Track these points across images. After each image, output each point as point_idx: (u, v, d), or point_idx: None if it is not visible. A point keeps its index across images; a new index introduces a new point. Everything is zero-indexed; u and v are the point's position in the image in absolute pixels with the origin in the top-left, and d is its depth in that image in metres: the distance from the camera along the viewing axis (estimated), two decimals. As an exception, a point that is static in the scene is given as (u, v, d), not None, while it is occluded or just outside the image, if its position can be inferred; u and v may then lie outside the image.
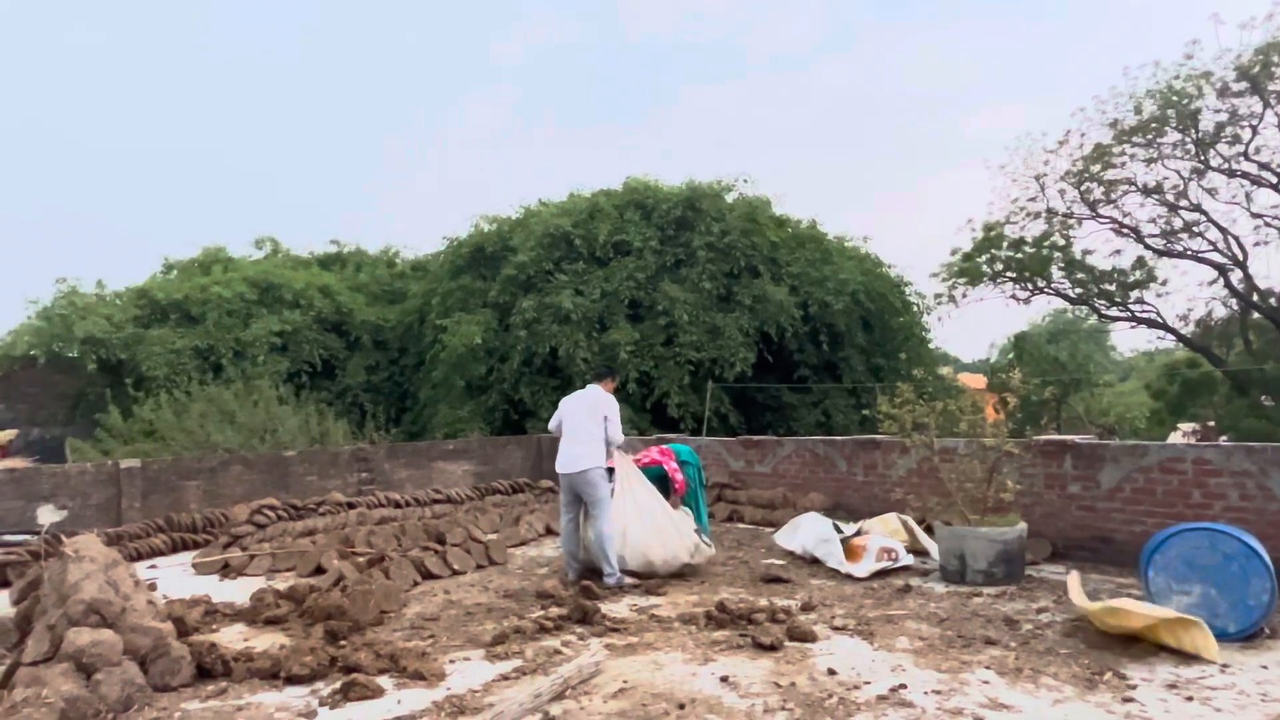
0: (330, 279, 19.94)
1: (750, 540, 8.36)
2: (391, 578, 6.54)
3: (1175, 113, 16.18)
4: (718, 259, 15.74)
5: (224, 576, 7.45)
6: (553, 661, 4.56)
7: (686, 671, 4.38)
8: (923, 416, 7.11)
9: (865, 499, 8.99)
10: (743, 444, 10.77)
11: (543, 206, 17.99)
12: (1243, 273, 17.65)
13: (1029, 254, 18.86)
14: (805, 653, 4.64)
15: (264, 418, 13.19)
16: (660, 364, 14.94)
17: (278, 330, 17.26)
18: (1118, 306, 19.42)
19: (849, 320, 16.26)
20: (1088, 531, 6.97)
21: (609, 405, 6.78)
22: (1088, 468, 7.00)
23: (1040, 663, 4.38)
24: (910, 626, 5.13)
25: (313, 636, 5.02)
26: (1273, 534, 5.75)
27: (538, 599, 6.08)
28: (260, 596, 6.02)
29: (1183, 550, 4.88)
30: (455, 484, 11.95)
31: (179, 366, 15.84)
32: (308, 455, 11.37)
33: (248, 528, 8.91)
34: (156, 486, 10.00)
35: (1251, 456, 6.06)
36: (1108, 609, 4.54)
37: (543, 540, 8.87)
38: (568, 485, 6.74)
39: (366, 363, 18.68)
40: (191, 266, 20.37)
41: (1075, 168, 17.85)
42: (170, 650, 4.43)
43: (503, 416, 15.71)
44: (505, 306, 15.96)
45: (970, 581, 6.20)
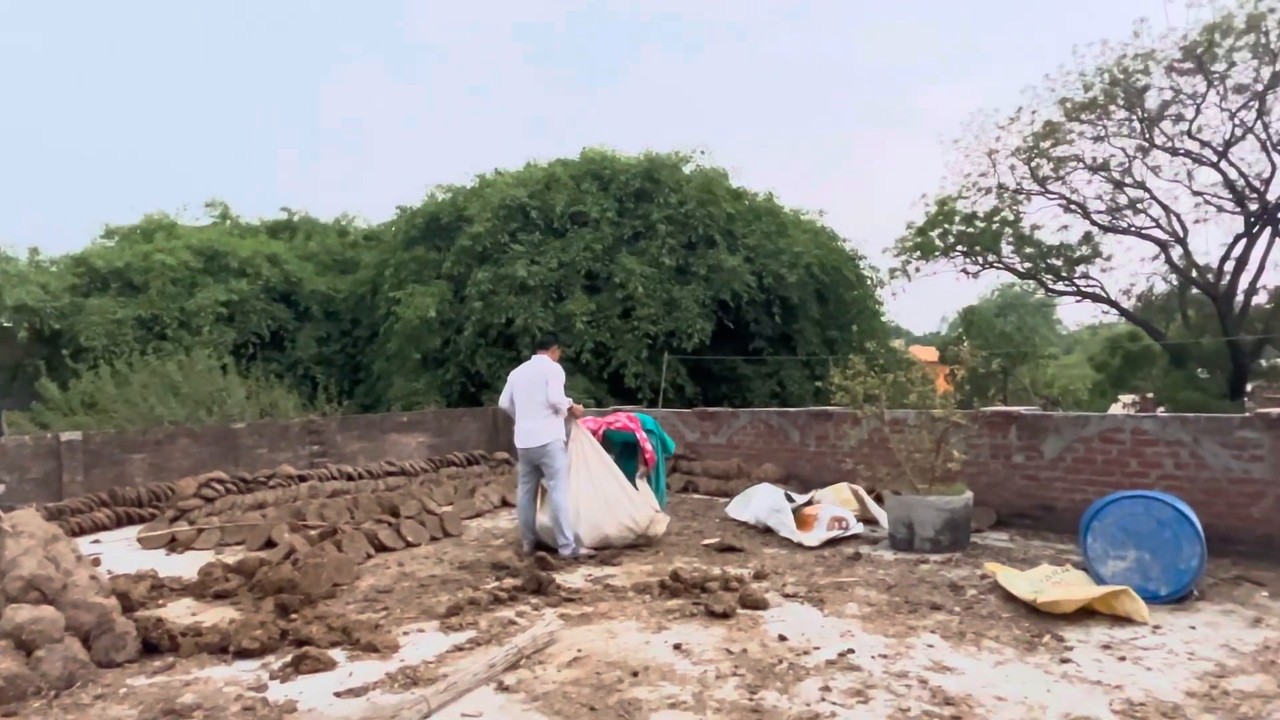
0: (279, 247, 19.48)
1: (705, 510, 8.45)
2: (344, 550, 6.48)
3: (1123, 91, 16.50)
4: (676, 231, 15.71)
5: (171, 551, 7.31)
6: (507, 632, 4.58)
7: (640, 640, 4.43)
8: (874, 388, 7.22)
9: (818, 469, 9.13)
10: (698, 415, 10.84)
11: (498, 176, 17.75)
12: (1183, 249, 18.19)
13: (980, 229, 19.18)
14: (757, 620, 4.72)
15: (210, 389, 12.90)
16: (617, 335, 14.92)
17: (224, 300, 16.85)
18: (1064, 281, 19.88)
19: (804, 293, 16.39)
20: (1031, 500, 7.17)
21: (552, 372, 6.71)
22: (1032, 438, 7.19)
23: (983, 626, 4.52)
24: (859, 593, 5.25)
25: (263, 610, 4.97)
26: (1204, 500, 5.99)
27: (493, 570, 6.08)
28: (209, 571, 5.92)
29: (1119, 517, 5.05)
30: (409, 456, 11.85)
31: (119, 337, 15.39)
32: (257, 427, 11.16)
33: (195, 501, 8.73)
34: (99, 460, 9.74)
35: (1186, 427, 6.28)
36: (1043, 603, 4.66)
37: (498, 512, 8.86)
38: (526, 458, 6.74)
39: (317, 334, 18.35)
40: (134, 234, 19.74)
41: (1026, 144, 18.15)
42: (115, 626, 4.34)
43: (459, 389, 15.59)
44: (460, 278, 15.76)
45: (918, 549, 6.35)
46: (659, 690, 3.71)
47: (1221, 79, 15.61)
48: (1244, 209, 16.77)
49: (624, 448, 7.32)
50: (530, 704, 3.60)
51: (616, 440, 7.28)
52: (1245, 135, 16.06)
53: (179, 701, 3.69)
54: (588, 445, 6.86)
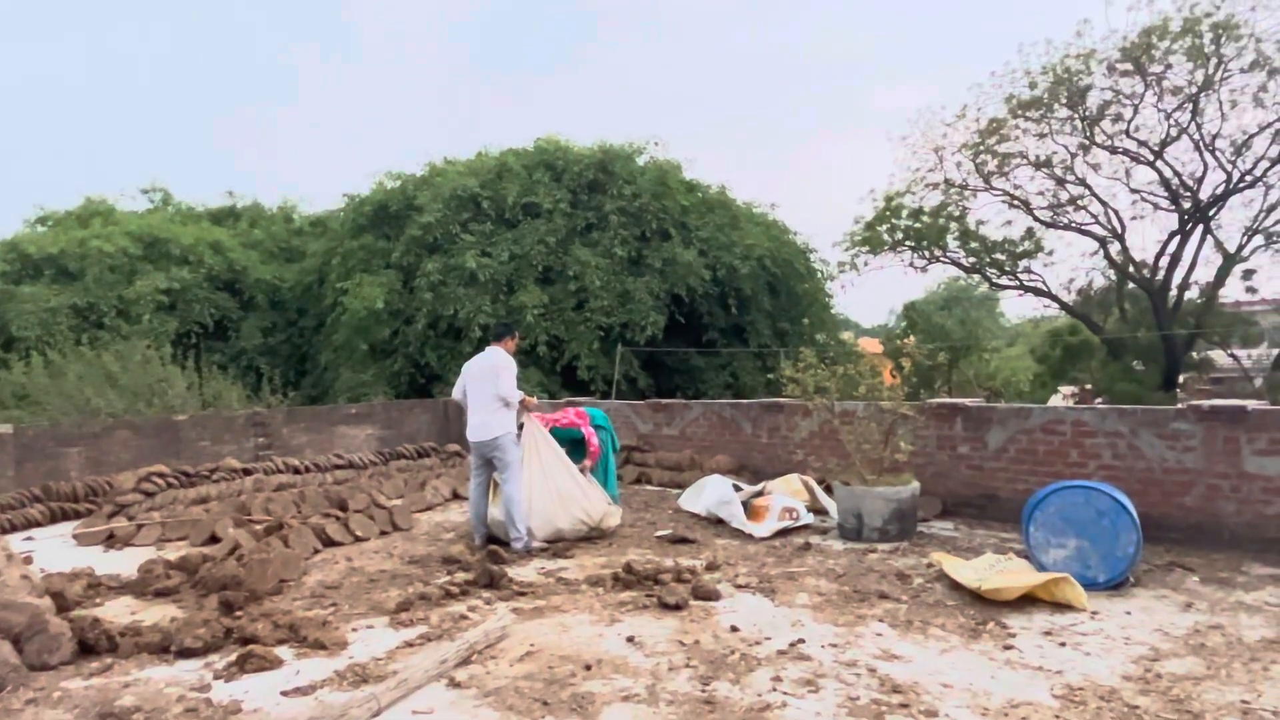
0: (222, 235, 18.98)
1: (658, 502, 8.48)
2: (291, 546, 6.35)
3: (1065, 90, 16.90)
4: (629, 222, 15.69)
5: (109, 548, 7.09)
6: (459, 627, 4.54)
7: (593, 633, 4.42)
8: (824, 380, 7.31)
9: (769, 460, 9.22)
10: (651, 407, 10.86)
11: (449, 165, 17.52)
12: (1121, 245, 18.72)
13: (927, 224, 19.49)
14: (709, 611, 4.75)
15: (150, 380, 12.52)
16: (570, 328, 14.86)
17: (165, 288, 16.37)
18: (1007, 275, 20.32)
19: (756, 285, 16.52)
20: (976, 489, 7.34)
21: (504, 364, 6.61)
22: (976, 429, 7.35)
23: (929, 614, 4.61)
24: (810, 583, 5.32)
25: (206, 608, 4.85)
26: (1140, 490, 6.19)
27: (444, 564, 6.02)
28: (149, 568, 5.75)
29: (1060, 507, 5.20)
30: (358, 449, 11.66)
31: (54, 326, 14.85)
32: (200, 420, 10.87)
33: (135, 496, 8.48)
34: (31, 454, 9.38)
35: (1124, 418, 6.48)
36: (987, 590, 4.78)
37: (449, 505, 8.77)
38: (478, 451, 6.68)
39: (262, 324, 17.93)
40: (69, 220, 19.05)
41: (971, 140, 18.49)
42: (48, 627, 4.19)
43: (408, 380, 15.39)
44: (409, 268, 15.54)
45: (866, 539, 6.46)
46: (612, 683, 3.71)
47: (1158, 81, 16.09)
48: (1178, 207, 17.33)
49: (572, 444, 7.28)
50: (482, 699, 3.57)
51: (563, 438, 7.21)
52: (1180, 136, 16.57)
53: (117, 704, 3.58)
54: (540, 438, 6.82)
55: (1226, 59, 15.25)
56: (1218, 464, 6.01)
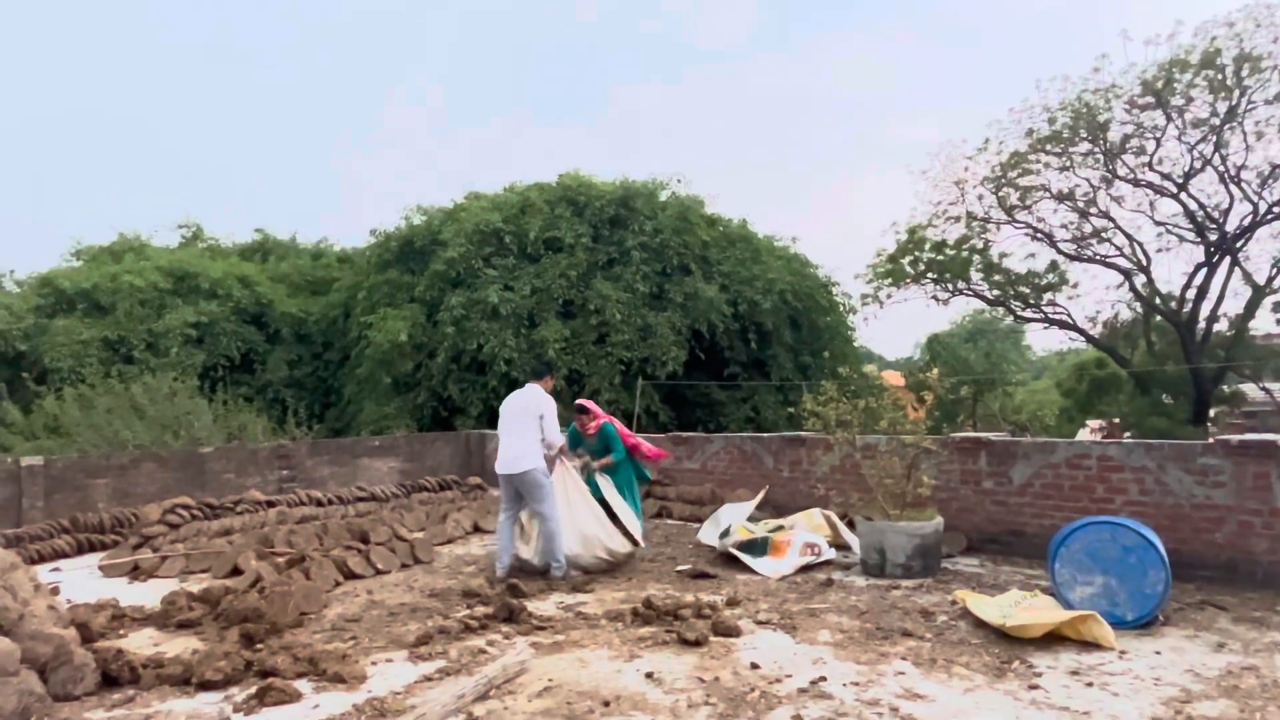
0: (251, 269, 19.34)
1: (678, 536, 8.43)
2: (312, 578, 6.38)
3: (1085, 124, 16.90)
4: (651, 258, 15.80)
5: (133, 579, 7.15)
6: (477, 661, 4.52)
7: (612, 669, 4.39)
8: (846, 414, 7.27)
9: (791, 494, 9.15)
10: (672, 440, 10.84)
11: (474, 200, 17.77)
12: (1146, 277, 18.56)
13: (949, 256, 19.45)
14: (729, 647, 4.71)
15: (177, 412, 12.70)
16: (591, 361, 14.93)
17: (193, 321, 16.66)
18: (1032, 308, 20.19)
19: (777, 319, 16.52)
20: (1001, 525, 7.24)
21: (546, 404, 6.77)
22: (1000, 464, 7.27)
23: (953, 653, 4.54)
24: (831, 620, 5.25)
25: (227, 640, 4.87)
26: (1168, 526, 6.08)
27: (463, 598, 6.02)
28: (172, 600, 5.79)
29: (1086, 543, 5.12)
30: (381, 481, 11.72)
31: (85, 359, 15.14)
32: (225, 452, 10.99)
33: (160, 528, 8.56)
34: (61, 485, 9.53)
35: (1150, 453, 6.39)
36: (1012, 626, 4.70)
37: (470, 538, 8.77)
38: (508, 483, 6.72)
39: (288, 357, 18.17)
40: (103, 254, 19.51)
41: (993, 174, 18.49)
42: (73, 658, 4.23)
43: (431, 413, 15.49)
44: (433, 302, 15.71)
45: (889, 575, 6.38)
46: (631, 719, 3.69)
47: (1180, 113, 16.05)
48: (1204, 239, 17.18)
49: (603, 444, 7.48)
50: (500, 735, 3.55)
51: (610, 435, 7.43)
52: (1204, 167, 16.49)
53: (138, 735, 3.60)
54: (569, 479, 6.91)
55: (1250, 90, 15.20)
56: (1249, 500, 5.90)
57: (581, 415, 7.57)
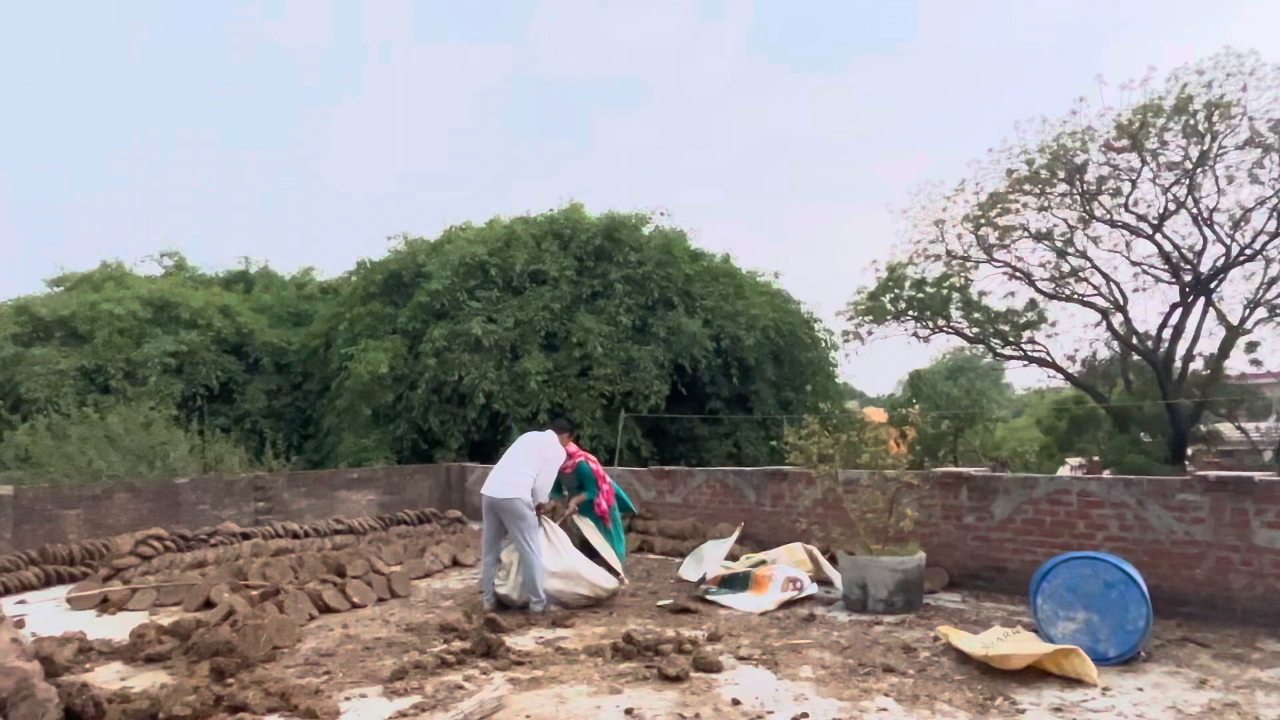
0: (232, 299, 19.23)
1: (660, 570, 8.35)
2: (286, 612, 6.25)
3: (1063, 165, 17.22)
4: (634, 291, 15.87)
5: (102, 612, 6.98)
6: (454, 697, 4.43)
7: (591, 705, 4.32)
8: (828, 448, 7.28)
9: (773, 528, 9.11)
10: (654, 474, 10.79)
11: (459, 232, 17.83)
12: (1123, 316, 18.81)
13: (929, 294, 19.64)
14: (710, 683, 4.64)
15: (152, 442, 12.52)
16: (574, 395, 14.89)
17: (172, 350, 16.50)
18: (1011, 346, 20.37)
19: (760, 354, 16.59)
20: (982, 561, 7.22)
21: (554, 453, 6.83)
22: (982, 499, 7.28)
23: (936, 689, 4.49)
24: (813, 655, 5.20)
25: (197, 675, 4.75)
26: (1149, 562, 6.09)
27: (440, 632, 5.91)
28: (141, 633, 5.66)
29: (1068, 578, 5.11)
30: (359, 514, 11.57)
31: (61, 388, 14.93)
32: (200, 483, 10.83)
33: (132, 559, 8.40)
34: (30, 516, 9.33)
35: (1130, 489, 6.42)
36: (994, 656, 4.69)
37: (448, 572, 8.65)
38: (490, 509, 6.64)
39: (267, 387, 18.01)
40: (83, 283, 19.35)
41: (972, 213, 18.77)
42: (35, 692, 4.10)
43: (410, 446, 15.36)
44: (415, 333, 15.67)
45: (872, 610, 6.34)
46: (609, 757, 3.61)
47: (1154, 156, 16.39)
48: (1179, 279, 17.45)
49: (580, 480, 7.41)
50: (475, 773, 3.47)
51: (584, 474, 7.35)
52: (1178, 210, 16.80)
53: (101, 773, 3.48)
54: (548, 524, 6.86)
55: (1221, 135, 15.57)
56: (1227, 536, 5.92)
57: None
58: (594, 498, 7.34)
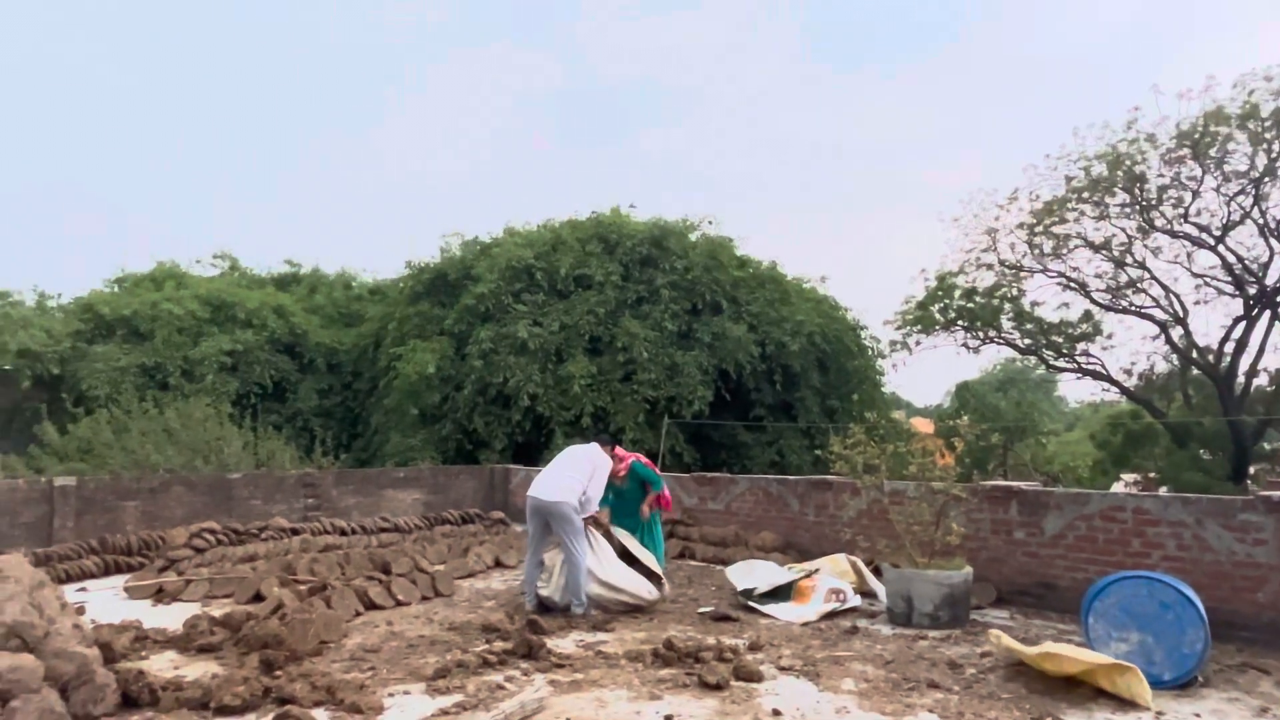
0: (286, 299, 19.67)
1: (700, 577, 8.33)
2: (333, 607, 6.37)
3: (1122, 174, 16.79)
4: (680, 297, 15.86)
5: (157, 601, 7.19)
6: (495, 697, 4.47)
7: (630, 709, 4.32)
8: (874, 458, 7.19)
9: (816, 539, 9.02)
10: (696, 480, 10.76)
11: (508, 236, 18.00)
12: (1183, 329, 18.26)
13: (980, 304, 19.30)
14: (751, 692, 4.61)
15: (207, 438, 12.86)
16: (617, 399, 14.92)
17: (228, 349, 16.93)
18: (1064, 358, 19.93)
19: (805, 361, 16.45)
20: (1032, 577, 7.07)
21: (602, 464, 6.90)
22: (1032, 514, 7.12)
23: (982, 707, 4.40)
24: (856, 668, 5.14)
25: (247, 666, 4.86)
26: (1207, 584, 5.90)
27: (483, 632, 5.97)
28: (194, 623, 5.81)
29: (1121, 598, 4.98)
30: (404, 513, 11.74)
31: (121, 385, 15.40)
32: (252, 478, 11.09)
33: (186, 551, 8.62)
34: (91, 506, 9.65)
35: (1188, 507, 6.22)
36: (1044, 654, 4.60)
37: (491, 573, 8.73)
38: (537, 512, 6.67)
39: (319, 386, 18.38)
40: (143, 282, 19.96)
41: (1027, 221, 18.40)
42: (95, 677, 4.25)
43: (455, 446, 15.53)
44: (463, 335, 15.86)
45: (916, 624, 6.24)
46: (648, 763, 3.61)
47: (1218, 165, 15.91)
48: (1243, 292, 16.90)
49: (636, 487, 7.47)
50: (516, 773, 3.49)
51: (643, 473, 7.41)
52: (1243, 220, 16.28)
53: (155, 759, 3.58)
54: (592, 534, 6.90)
55: (1290, 144, 15.05)
56: (1292, 559, 5.71)
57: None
58: (661, 490, 7.42)
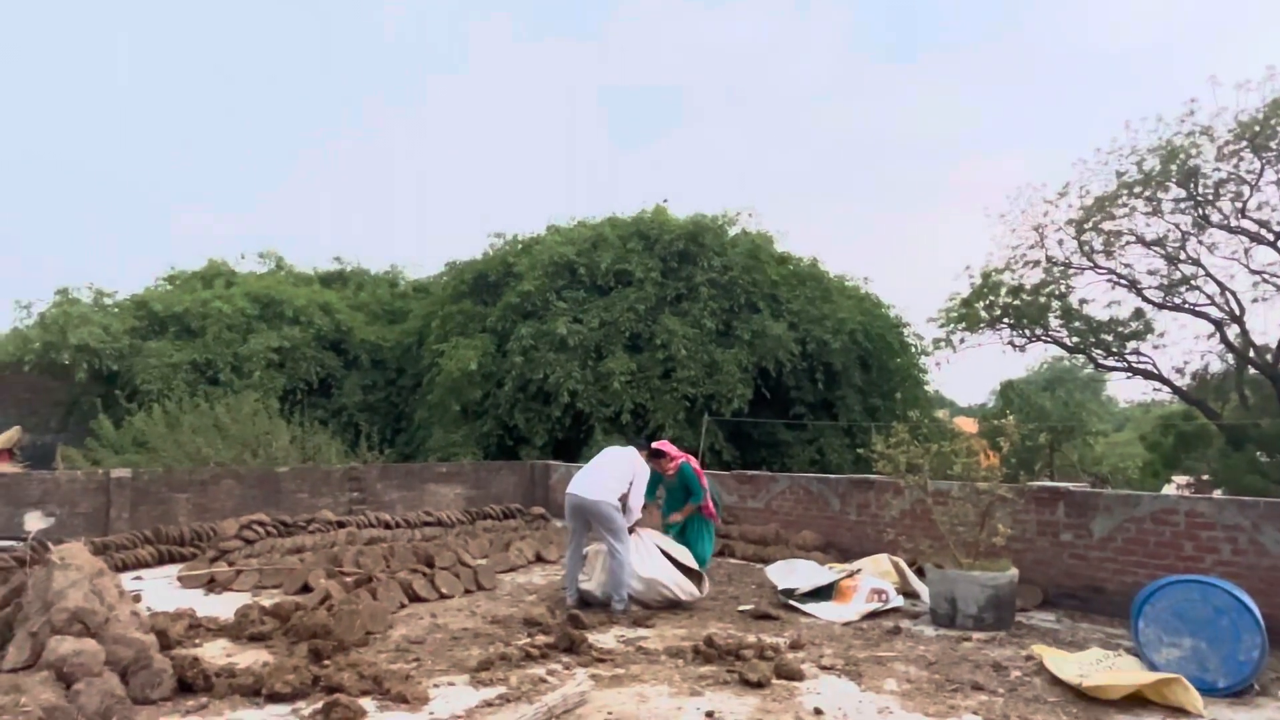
0: (332, 297, 20.01)
1: (741, 575, 8.31)
2: (378, 599, 6.49)
3: (1176, 168, 16.36)
4: (719, 294, 15.82)
5: (209, 591, 7.39)
6: (538, 689, 4.52)
7: (672, 705, 4.34)
8: (917, 458, 7.10)
9: (858, 538, 8.95)
10: (736, 478, 10.74)
11: (549, 234, 18.12)
12: (1240, 328, 17.76)
13: (1027, 302, 18.96)
14: (792, 691, 4.60)
15: (256, 432, 13.16)
16: (656, 396, 14.94)
17: (276, 346, 17.28)
18: (1114, 356, 19.50)
19: (847, 359, 16.30)
20: (1079, 580, 6.94)
21: (640, 469, 6.90)
22: (1080, 516, 6.99)
23: (1027, 710, 4.34)
24: (898, 669, 5.09)
25: (296, 655, 4.98)
26: (1264, 590, 5.73)
27: (525, 626, 6.03)
28: (245, 613, 5.96)
29: (1173, 602, 4.86)
30: (447, 507, 11.89)
31: (174, 380, 15.82)
32: (300, 472, 11.33)
33: (236, 543, 8.85)
34: (146, 497, 9.95)
35: (1244, 511, 6.06)
36: (1090, 688, 4.49)
37: (532, 567, 8.81)
38: (577, 511, 6.69)
39: (363, 382, 18.68)
40: (193, 279, 20.46)
41: (1076, 217, 18.02)
42: (152, 663, 4.38)
43: (496, 442, 15.69)
44: (504, 332, 16.00)
45: (960, 626, 6.16)
46: (690, 758, 3.62)
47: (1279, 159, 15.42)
48: (1304, 290, 16.39)
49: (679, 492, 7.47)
50: (558, 765, 3.53)
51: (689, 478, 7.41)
52: (1304, 215, 15.79)
53: (210, 743, 3.69)
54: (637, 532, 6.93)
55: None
56: (1354, 565, 5.53)
57: (659, 459, 7.47)
58: (700, 501, 7.39)
